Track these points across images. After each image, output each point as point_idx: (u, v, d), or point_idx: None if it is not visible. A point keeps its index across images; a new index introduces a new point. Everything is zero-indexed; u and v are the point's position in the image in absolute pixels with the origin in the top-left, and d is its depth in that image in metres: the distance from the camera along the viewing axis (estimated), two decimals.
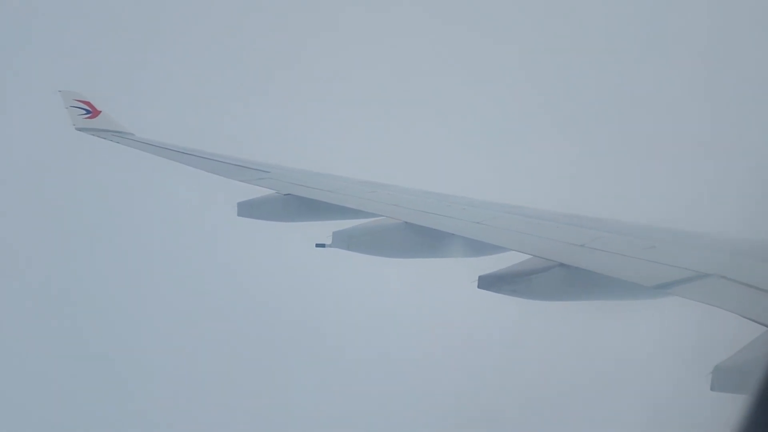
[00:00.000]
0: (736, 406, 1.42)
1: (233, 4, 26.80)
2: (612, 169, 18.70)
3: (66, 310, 18.21)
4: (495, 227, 6.90)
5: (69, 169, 19.62)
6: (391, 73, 24.60)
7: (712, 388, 4.08)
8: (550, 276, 5.70)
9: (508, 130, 20.83)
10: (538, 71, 23.15)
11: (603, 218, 6.73)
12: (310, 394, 15.15)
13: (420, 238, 7.21)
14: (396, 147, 20.49)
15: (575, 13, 23.63)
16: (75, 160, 18.21)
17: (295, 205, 8.35)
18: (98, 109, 12.39)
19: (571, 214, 6.92)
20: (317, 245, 7.52)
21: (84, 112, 12.32)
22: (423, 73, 24.61)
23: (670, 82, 20.87)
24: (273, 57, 25.71)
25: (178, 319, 17.53)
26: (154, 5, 26.45)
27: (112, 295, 18.57)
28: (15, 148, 21.14)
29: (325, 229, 7.51)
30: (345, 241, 7.45)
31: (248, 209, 8.63)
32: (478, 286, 5.87)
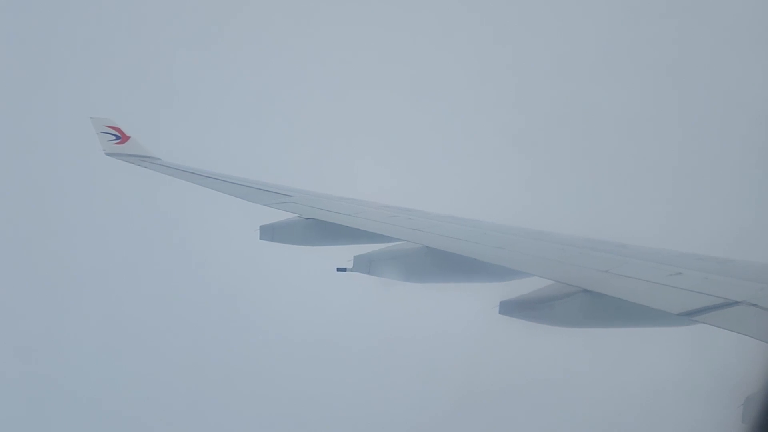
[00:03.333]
0: None
1: (256, 31, 27.40)
2: (637, 193, 18.45)
3: (93, 331, 18.43)
4: (517, 252, 6.83)
5: (99, 193, 20.08)
6: (413, 96, 24.79)
7: (743, 421, 3.94)
8: (573, 302, 5.60)
9: (530, 155, 20.75)
10: (561, 87, 23.09)
11: (627, 243, 6.62)
12: (332, 416, 15.03)
13: (441, 263, 7.17)
14: (418, 171, 20.54)
15: (581, 21, 23.57)
16: (105, 184, 18.63)
17: (317, 229, 8.39)
18: (127, 134, 12.70)
19: (594, 239, 6.83)
20: (338, 269, 7.52)
21: (114, 137, 12.64)
22: (444, 96, 24.75)
23: (693, 100, 20.65)
24: (297, 83, 26.14)
25: (201, 340, 17.62)
26: (180, 35, 27.19)
27: (138, 316, 18.78)
28: (49, 173, 21.73)
29: (346, 253, 7.52)
30: (366, 265, 7.44)
31: (270, 233, 8.69)
32: (500, 312, 5.80)
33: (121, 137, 12.64)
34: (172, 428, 15.95)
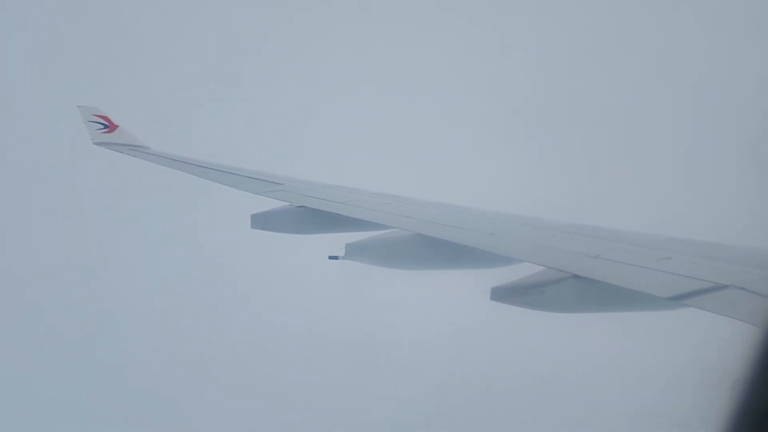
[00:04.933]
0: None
1: (247, 19, 27.15)
2: (627, 178, 18.54)
3: (80, 321, 18.37)
4: (508, 238, 6.85)
5: (88, 183, 19.92)
6: (405, 85, 24.71)
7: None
8: (564, 287, 5.63)
9: (523, 141, 20.78)
10: (553, 78, 23.10)
11: (618, 229, 6.65)
12: (323, 404, 15.10)
13: (433, 250, 7.18)
14: (409, 158, 20.52)
15: (584, 15, 23.57)
16: (94, 173, 18.49)
17: (308, 217, 8.37)
18: (115, 123, 12.57)
19: (585, 224, 6.86)
20: (330, 257, 7.52)
21: (102, 126, 12.50)
22: (437, 85, 24.69)
23: (686, 87, 20.72)
24: (288, 71, 25.97)
25: (192, 329, 17.61)
26: (169, 22, 26.88)
27: (128, 305, 18.72)
28: (36, 162, 21.52)
29: (338, 241, 7.53)
30: (358, 253, 7.44)
31: (262, 221, 8.67)
32: (491, 298, 5.83)
33: (110, 126, 12.50)
34: (163, 416, 15.98)
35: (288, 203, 8.59)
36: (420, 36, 25.65)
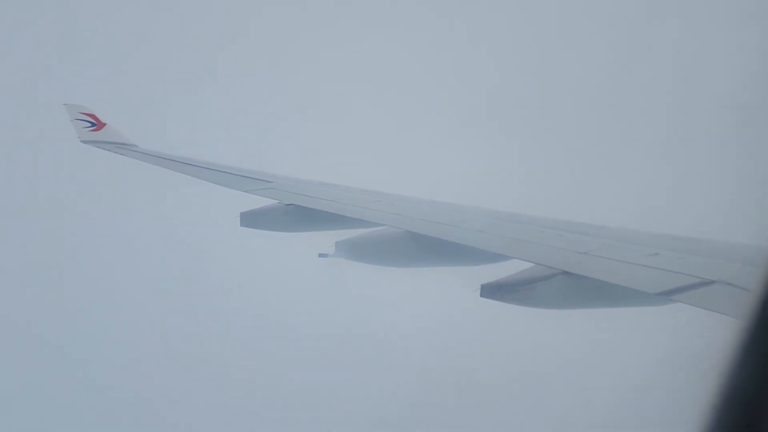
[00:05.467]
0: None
1: (234, 17, 26.99)
2: (615, 175, 18.66)
3: (68, 319, 18.22)
4: (498, 235, 6.88)
5: (75, 181, 19.73)
6: (393, 82, 24.69)
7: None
8: (554, 284, 5.67)
9: (512, 138, 20.84)
10: (540, 74, 23.18)
11: (606, 225, 6.70)
12: (310, 400, 15.10)
13: (423, 247, 7.20)
14: (399, 156, 20.53)
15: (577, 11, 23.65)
16: (81, 172, 18.31)
17: (298, 215, 8.36)
18: (103, 121, 12.45)
19: (574, 221, 6.90)
20: (320, 255, 7.52)
21: (89, 124, 12.38)
22: (425, 83, 24.68)
23: (672, 83, 20.87)
24: (276, 68, 25.86)
25: (182, 327, 17.52)
26: (157, 19, 26.67)
27: (116, 304, 18.59)
28: (23, 161, 21.29)
29: (327, 238, 7.52)
30: (348, 250, 7.45)
31: (251, 219, 8.64)
32: (481, 295, 5.85)
33: (97, 124, 12.38)
34: (148, 411, 15.90)
35: (278, 201, 8.57)
36: (407, 32, 25.64)
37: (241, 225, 8.63)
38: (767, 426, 1.35)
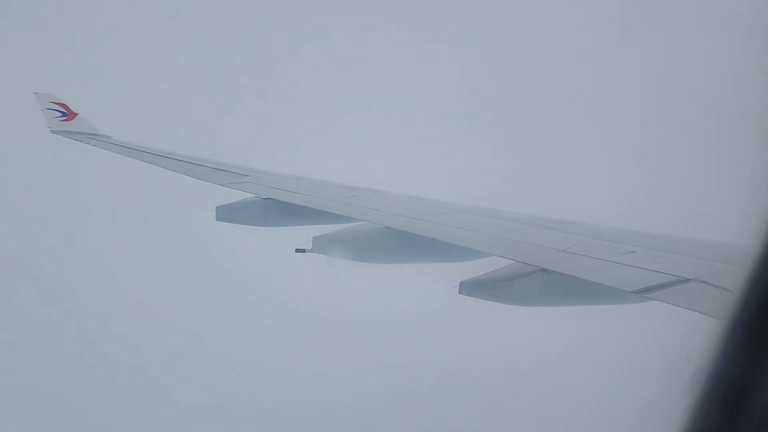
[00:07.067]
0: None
1: (212, 7, 26.60)
2: (594, 173, 18.83)
3: (40, 314, 17.81)
4: (476, 232, 6.85)
5: (44, 173, 19.25)
6: (372, 76, 24.59)
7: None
8: (532, 281, 5.67)
9: (489, 135, 20.90)
10: (520, 73, 23.29)
11: (584, 223, 6.72)
12: (288, 398, 14.99)
13: (401, 243, 7.14)
14: (377, 151, 20.44)
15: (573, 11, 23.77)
16: (50, 163, 17.87)
17: (275, 209, 8.24)
18: (74, 111, 12.14)
19: (552, 218, 6.91)
20: (297, 250, 7.42)
21: (60, 114, 12.06)
22: (404, 78, 24.63)
23: (655, 81, 21.11)
24: (252, 60, 25.55)
25: (157, 322, 17.25)
26: (133, 9, 26.15)
27: (89, 298, 18.22)
28: None
29: (305, 233, 7.43)
30: (325, 246, 7.36)
31: (227, 213, 8.50)
32: (460, 292, 5.82)
33: (68, 114, 12.06)
34: (129, 407, 15.64)
35: (254, 195, 8.44)
36: (392, 29, 25.56)
37: (216, 219, 8.49)
38: (747, 424, 1.33)
